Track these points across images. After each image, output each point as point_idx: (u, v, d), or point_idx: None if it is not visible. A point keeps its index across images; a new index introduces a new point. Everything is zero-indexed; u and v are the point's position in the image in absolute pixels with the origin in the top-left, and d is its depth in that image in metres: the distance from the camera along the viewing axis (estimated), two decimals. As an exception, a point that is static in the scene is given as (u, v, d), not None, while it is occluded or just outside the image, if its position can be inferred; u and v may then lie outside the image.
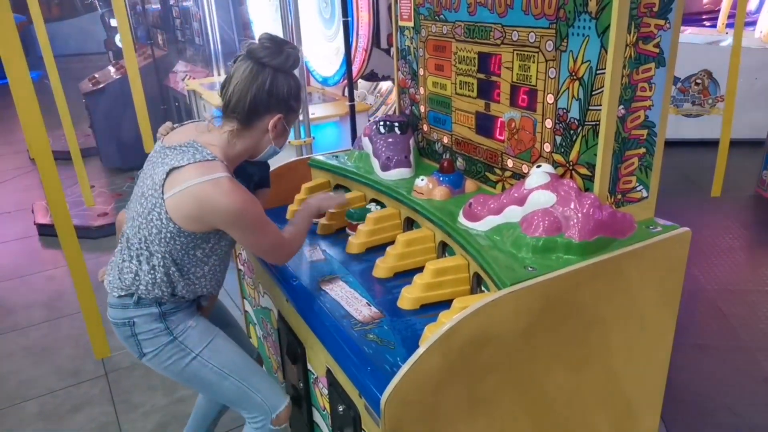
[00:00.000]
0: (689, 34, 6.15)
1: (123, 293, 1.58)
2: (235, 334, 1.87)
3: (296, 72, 1.61)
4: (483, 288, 1.54)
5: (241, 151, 1.60)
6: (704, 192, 4.52)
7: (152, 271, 1.56)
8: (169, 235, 1.51)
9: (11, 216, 4.93)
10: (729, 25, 5.90)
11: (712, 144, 4.66)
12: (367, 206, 2.02)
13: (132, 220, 1.57)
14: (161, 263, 1.55)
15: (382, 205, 1.99)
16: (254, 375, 1.72)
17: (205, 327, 1.69)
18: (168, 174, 1.49)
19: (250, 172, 1.83)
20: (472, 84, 1.81)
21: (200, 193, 1.46)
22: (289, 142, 3.23)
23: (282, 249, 1.66)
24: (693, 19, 6.89)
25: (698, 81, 5.62)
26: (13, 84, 2.43)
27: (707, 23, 6.72)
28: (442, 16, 1.88)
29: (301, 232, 1.76)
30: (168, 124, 1.72)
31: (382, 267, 1.73)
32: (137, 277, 1.56)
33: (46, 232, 4.35)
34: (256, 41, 1.56)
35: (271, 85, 1.53)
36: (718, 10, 6.40)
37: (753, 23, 5.84)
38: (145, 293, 1.57)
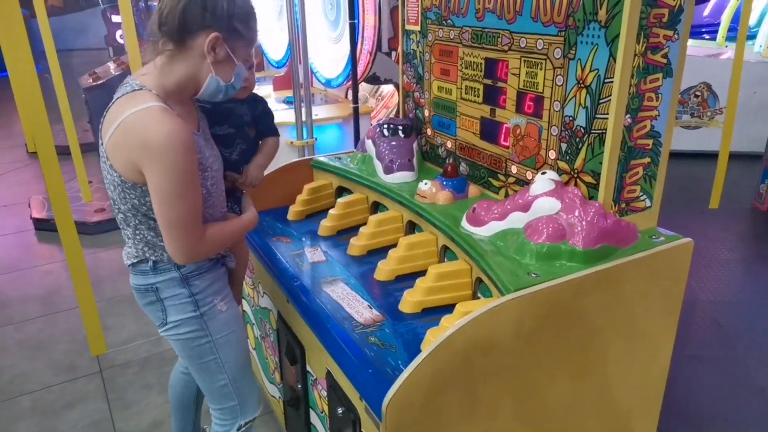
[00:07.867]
0: (689, 46, 6.17)
1: (136, 260, 1.49)
2: None
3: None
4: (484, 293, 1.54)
5: (180, 80, 1.39)
6: (702, 204, 4.53)
7: (136, 234, 1.44)
8: (120, 188, 1.37)
9: (7, 210, 4.90)
10: (728, 38, 5.93)
11: (710, 156, 4.68)
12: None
13: None
14: (136, 222, 1.42)
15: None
16: (245, 380, 1.70)
17: (232, 316, 1.62)
18: (104, 117, 1.36)
19: (238, 113, 1.59)
20: (478, 89, 1.82)
21: (127, 127, 1.29)
22: (292, 142, 3.23)
23: (192, 233, 1.38)
24: (693, 31, 6.90)
25: (697, 93, 5.65)
26: (16, 78, 2.42)
27: (707, 36, 6.75)
28: (449, 21, 1.89)
29: (225, 237, 1.52)
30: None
31: (384, 270, 1.73)
32: (135, 243, 1.47)
33: (43, 226, 4.33)
34: None
35: None
36: (718, 23, 6.44)
37: (752, 37, 5.87)
38: (154, 256, 1.47)
